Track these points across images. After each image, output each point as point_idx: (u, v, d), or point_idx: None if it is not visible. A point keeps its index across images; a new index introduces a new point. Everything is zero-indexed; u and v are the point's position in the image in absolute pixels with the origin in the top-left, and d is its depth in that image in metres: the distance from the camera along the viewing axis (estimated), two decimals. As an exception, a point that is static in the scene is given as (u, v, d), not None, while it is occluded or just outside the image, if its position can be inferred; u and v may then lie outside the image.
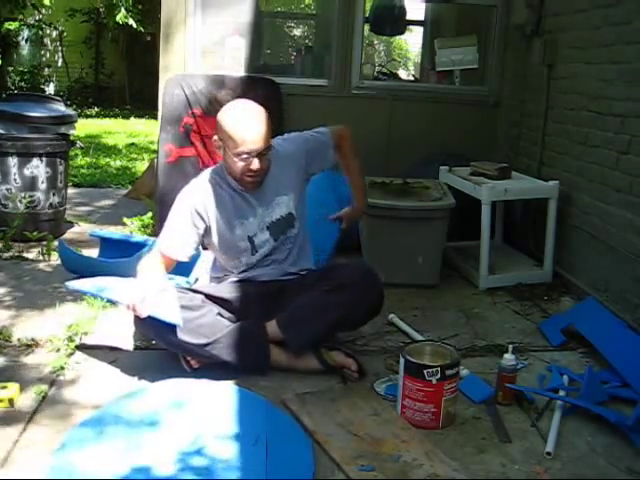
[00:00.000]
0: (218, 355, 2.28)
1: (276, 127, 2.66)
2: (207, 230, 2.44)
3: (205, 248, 2.66)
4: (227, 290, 2.47)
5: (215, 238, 2.45)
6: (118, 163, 6.86)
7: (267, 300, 2.44)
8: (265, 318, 2.38)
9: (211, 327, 2.29)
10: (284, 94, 4.13)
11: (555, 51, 3.71)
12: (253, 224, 2.45)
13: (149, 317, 2.19)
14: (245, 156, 2.29)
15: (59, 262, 3.38)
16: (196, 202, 2.42)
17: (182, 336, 2.23)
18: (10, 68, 11.66)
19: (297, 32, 10.26)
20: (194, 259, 2.74)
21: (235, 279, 2.52)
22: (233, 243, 2.45)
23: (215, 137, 2.38)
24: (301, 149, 2.54)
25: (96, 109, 11.33)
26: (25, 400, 2.12)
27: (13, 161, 3.78)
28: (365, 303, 2.42)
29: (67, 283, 2.69)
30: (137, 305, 2.19)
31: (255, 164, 2.30)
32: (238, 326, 2.35)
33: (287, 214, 2.48)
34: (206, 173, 2.51)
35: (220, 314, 2.39)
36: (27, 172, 3.82)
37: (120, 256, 3.13)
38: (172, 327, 2.20)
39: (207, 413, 2.04)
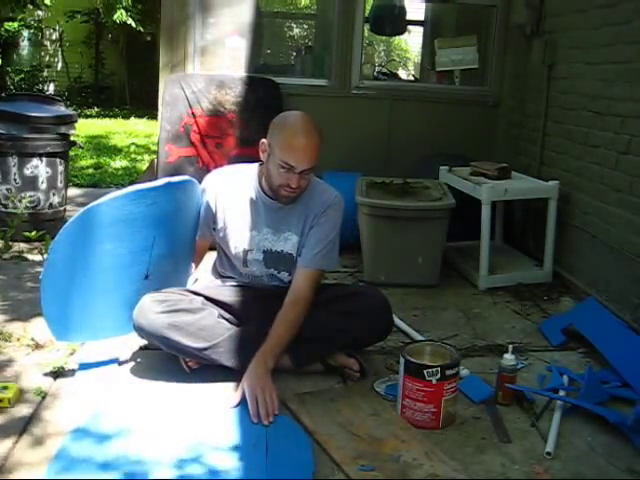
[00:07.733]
0: (217, 359, 2.26)
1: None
2: (215, 214, 2.44)
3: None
4: (227, 294, 2.46)
5: (219, 225, 2.45)
6: (118, 163, 6.86)
7: (269, 304, 2.37)
8: (267, 322, 2.33)
9: (211, 330, 2.27)
10: (284, 94, 4.13)
11: (555, 51, 3.71)
12: (254, 239, 2.41)
13: None
14: (288, 167, 2.22)
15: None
16: (218, 184, 2.44)
17: (181, 339, 2.22)
18: (9, 68, 11.64)
19: (297, 32, 10.23)
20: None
21: (235, 283, 2.51)
22: (230, 243, 2.44)
23: (263, 140, 2.31)
24: (315, 226, 2.38)
25: (96, 109, 11.31)
26: (25, 400, 2.12)
27: (13, 161, 3.78)
28: (375, 334, 2.48)
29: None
30: None
31: (295, 181, 2.24)
32: (239, 331, 2.33)
33: (288, 253, 2.40)
34: (243, 167, 2.47)
35: (221, 316, 2.38)
36: (27, 172, 3.82)
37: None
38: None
39: (205, 416, 2.03)
